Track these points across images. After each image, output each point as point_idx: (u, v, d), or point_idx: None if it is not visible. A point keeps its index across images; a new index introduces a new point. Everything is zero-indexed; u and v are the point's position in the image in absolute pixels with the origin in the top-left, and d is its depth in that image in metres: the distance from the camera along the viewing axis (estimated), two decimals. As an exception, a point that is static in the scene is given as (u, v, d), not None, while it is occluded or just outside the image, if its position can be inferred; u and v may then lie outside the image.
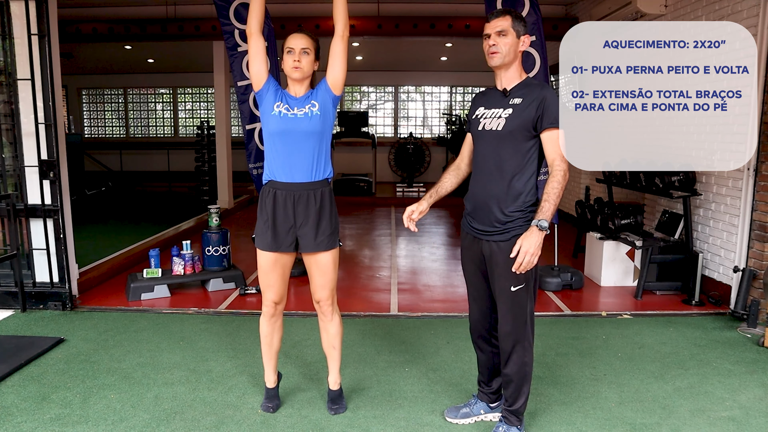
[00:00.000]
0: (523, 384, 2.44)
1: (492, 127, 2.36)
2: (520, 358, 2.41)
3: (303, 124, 2.45)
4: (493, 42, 2.33)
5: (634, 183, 5.15)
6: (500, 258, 2.33)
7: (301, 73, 2.45)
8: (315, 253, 2.55)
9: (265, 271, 2.59)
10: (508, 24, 2.31)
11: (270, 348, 2.73)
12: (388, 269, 5.55)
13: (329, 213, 2.55)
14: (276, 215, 2.51)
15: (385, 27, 7.31)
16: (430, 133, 13.54)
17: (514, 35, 2.31)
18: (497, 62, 2.34)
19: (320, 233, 2.52)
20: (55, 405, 2.77)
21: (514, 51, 2.33)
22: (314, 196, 2.51)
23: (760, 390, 2.99)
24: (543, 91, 2.32)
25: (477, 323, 2.58)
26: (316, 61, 2.52)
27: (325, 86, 2.53)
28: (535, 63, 4.40)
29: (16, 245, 4.14)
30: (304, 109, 2.47)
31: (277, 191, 2.50)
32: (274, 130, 2.47)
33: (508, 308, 2.37)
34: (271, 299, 2.62)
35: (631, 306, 4.40)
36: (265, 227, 2.54)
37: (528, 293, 2.37)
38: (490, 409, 2.68)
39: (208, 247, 4.73)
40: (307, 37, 2.47)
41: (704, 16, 4.68)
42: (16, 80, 4.05)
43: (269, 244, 2.54)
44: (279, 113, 2.46)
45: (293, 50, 2.44)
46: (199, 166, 9.78)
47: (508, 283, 2.34)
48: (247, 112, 4.76)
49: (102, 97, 13.79)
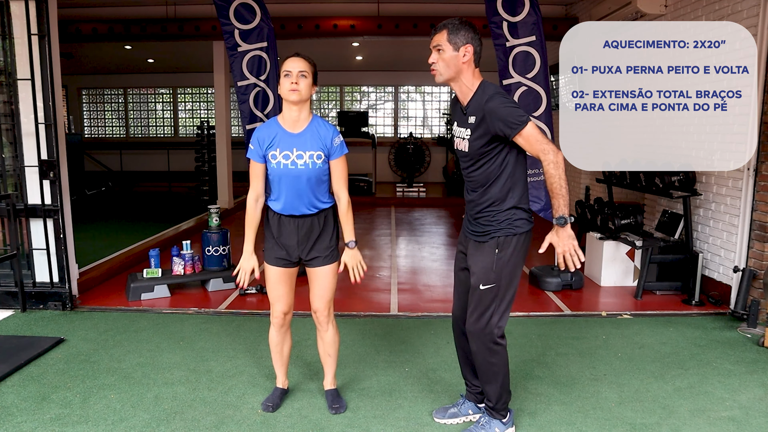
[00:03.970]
0: (492, 382, 2.43)
1: (461, 148, 2.38)
2: (486, 358, 2.40)
3: (306, 172, 2.48)
4: (432, 60, 2.31)
5: (634, 183, 5.15)
6: (476, 256, 2.36)
7: (298, 95, 2.44)
8: (317, 267, 2.61)
9: (274, 285, 2.63)
10: (443, 38, 2.27)
11: (281, 356, 2.79)
12: (388, 269, 5.55)
13: (332, 231, 2.62)
14: (282, 236, 2.58)
15: (385, 27, 7.31)
16: (430, 133, 13.54)
17: (451, 49, 2.26)
18: (439, 80, 2.34)
19: (323, 250, 2.59)
20: (55, 405, 2.77)
21: (454, 65, 2.28)
22: (318, 222, 2.57)
23: (760, 390, 2.99)
24: (488, 104, 2.22)
25: (458, 319, 2.61)
26: (314, 86, 2.51)
27: (330, 142, 2.53)
28: (535, 63, 4.40)
29: (16, 245, 4.14)
30: (304, 156, 2.47)
31: (282, 217, 2.56)
32: (275, 175, 2.51)
33: (475, 306, 2.39)
34: (281, 310, 2.66)
35: (631, 306, 4.40)
36: (271, 243, 2.60)
37: (497, 295, 2.35)
38: (478, 409, 2.68)
39: (208, 247, 4.73)
40: (304, 61, 2.47)
41: (704, 16, 4.68)
42: (16, 80, 4.05)
43: (277, 259, 2.60)
44: (278, 164, 2.48)
45: (290, 73, 2.43)
46: (199, 166, 9.78)
47: (479, 280, 2.36)
48: (247, 112, 4.76)
49: (102, 97, 13.79)
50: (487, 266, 2.33)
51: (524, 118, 2.19)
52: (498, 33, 4.39)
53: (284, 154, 2.47)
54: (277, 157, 2.47)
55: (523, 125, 2.18)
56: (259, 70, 4.70)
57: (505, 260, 2.33)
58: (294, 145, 2.48)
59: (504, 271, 2.34)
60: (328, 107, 13.76)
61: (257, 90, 4.72)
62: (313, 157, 2.48)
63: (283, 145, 2.48)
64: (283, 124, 2.51)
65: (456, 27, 2.26)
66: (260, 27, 4.68)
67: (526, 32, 4.36)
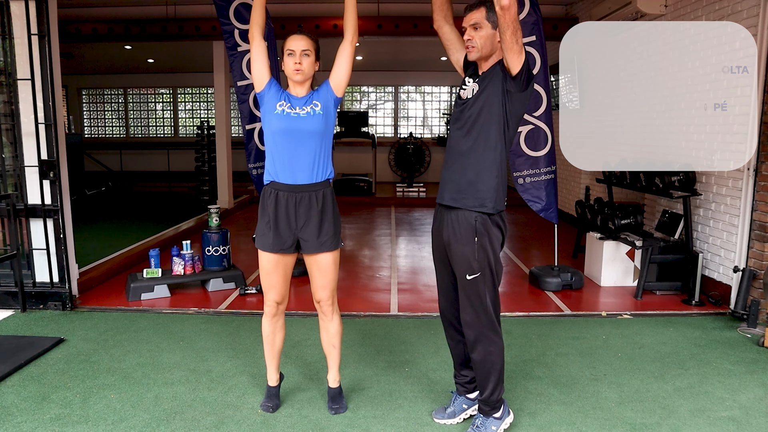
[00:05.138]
0: (489, 373, 2.43)
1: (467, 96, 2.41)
2: (484, 348, 2.40)
3: (306, 123, 2.46)
4: (468, 36, 2.27)
5: (634, 183, 5.15)
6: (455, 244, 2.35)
7: (302, 75, 2.46)
8: (317, 254, 2.56)
9: (267, 272, 2.59)
10: (482, 16, 2.24)
11: (272, 348, 2.74)
12: (388, 269, 5.55)
13: (331, 214, 2.55)
14: (278, 216, 2.52)
15: (385, 27, 7.31)
16: (430, 133, 13.55)
17: (489, 27, 2.24)
18: (474, 56, 2.30)
19: (322, 234, 2.53)
20: (55, 405, 2.77)
21: (491, 43, 2.26)
22: (316, 198, 2.51)
23: (760, 390, 2.99)
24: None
25: (445, 311, 2.60)
26: (317, 62, 2.52)
27: (327, 87, 2.54)
28: (535, 63, 4.40)
29: (16, 245, 4.14)
30: (306, 108, 2.48)
31: (279, 192, 2.51)
32: (277, 129, 2.48)
33: (466, 297, 2.38)
34: (273, 299, 2.63)
35: (631, 306, 4.40)
36: (266, 228, 2.54)
37: (485, 282, 2.35)
38: (470, 401, 2.67)
39: (208, 247, 4.73)
40: (307, 39, 2.47)
41: (704, 16, 4.68)
42: (16, 80, 4.05)
43: (271, 245, 2.54)
44: (282, 112, 2.47)
45: (294, 52, 2.44)
46: (199, 166, 9.78)
47: (463, 272, 2.35)
48: (247, 112, 4.76)
49: (102, 97, 13.79)
50: (466, 257, 2.32)
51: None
52: (498, 33, 4.39)
53: (288, 105, 2.48)
54: (282, 106, 2.47)
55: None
56: (259, 70, 4.70)
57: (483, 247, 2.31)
58: (297, 104, 2.50)
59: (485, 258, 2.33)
60: (328, 107, 13.75)
61: (257, 90, 4.72)
62: (315, 108, 2.48)
63: (288, 100, 2.50)
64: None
65: (492, 6, 2.21)
66: (260, 27, 4.67)
67: (526, 32, 4.36)
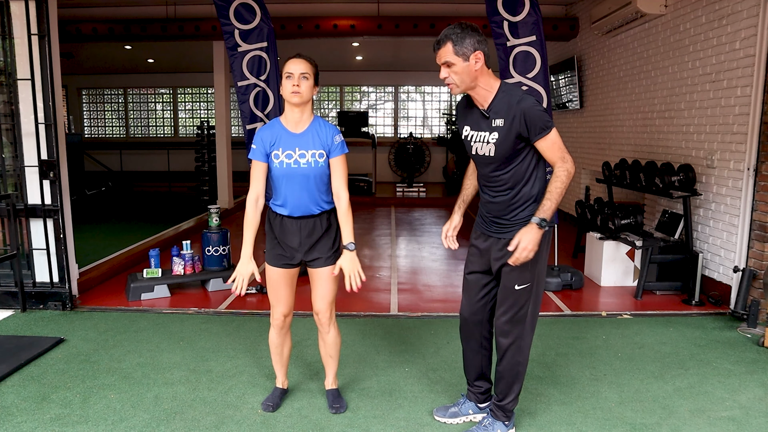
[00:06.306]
0: (514, 382, 2.45)
1: (484, 153, 2.32)
2: (514, 357, 2.41)
3: (307, 171, 2.48)
4: (444, 75, 2.25)
5: (634, 183, 5.15)
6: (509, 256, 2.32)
7: (300, 98, 2.44)
8: (320, 268, 2.60)
9: (275, 286, 2.62)
10: (449, 52, 2.20)
11: (280, 357, 2.79)
12: (388, 269, 5.55)
13: (334, 233, 2.61)
14: (284, 237, 2.56)
15: (385, 27, 7.31)
16: (430, 133, 13.55)
17: (461, 60, 2.20)
18: (456, 92, 2.29)
19: (326, 251, 2.59)
20: (55, 405, 2.77)
21: (469, 75, 2.23)
22: (320, 223, 2.56)
23: (760, 390, 2.99)
24: (520, 105, 2.19)
25: (469, 320, 2.58)
26: (315, 87, 2.51)
27: (331, 141, 2.52)
28: (535, 63, 4.40)
29: (16, 245, 4.14)
30: (307, 155, 2.47)
31: (284, 218, 2.55)
32: (278, 176, 2.50)
33: (509, 307, 2.38)
34: (281, 312, 2.66)
35: (631, 306, 4.40)
36: (273, 244, 2.60)
37: (530, 294, 2.37)
38: (479, 409, 2.67)
39: (208, 247, 4.73)
40: (306, 62, 2.46)
41: (704, 16, 4.68)
42: (16, 80, 4.05)
43: (278, 260, 2.59)
44: (281, 163, 2.47)
45: (292, 75, 2.43)
46: (199, 166, 9.79)
47: (513, 281, 2.35)
48: (247, 112, 4.76)
49: (102, 97, 13.80)
50: (522, 266, 2.31)
51: (551, 123, 2.22)
52: (499, 33, 4.39)
53: (287, 153, 2.47)
54: (280, 156, 2.47)
55: (549, 130, 2.21)
56: (259, 70, 4.70)
57: (538, 258, 2.32)
58: (296, 144, 2.48)
59: (537, 269, 2.34)
60: (328, 107, 13.76)
61: (257, 90, 4.72)
62: (315, 156, 2.48)
63: (285, 144, 2.48)
64: (285, 125, 2.52)
65: (459, 36, 2.18)
66: (260, 27, 4.68)
67: (526, 32, 4.36)
